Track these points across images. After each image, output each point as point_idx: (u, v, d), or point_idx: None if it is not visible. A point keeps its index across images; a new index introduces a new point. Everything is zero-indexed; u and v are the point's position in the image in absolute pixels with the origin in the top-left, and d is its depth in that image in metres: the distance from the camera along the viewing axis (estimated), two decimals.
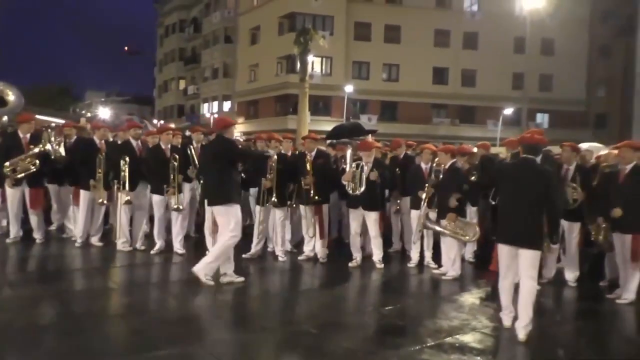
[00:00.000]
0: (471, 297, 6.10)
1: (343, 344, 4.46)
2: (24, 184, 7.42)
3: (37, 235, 7.65)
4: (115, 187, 7.37)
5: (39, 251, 7.31)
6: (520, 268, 4.82)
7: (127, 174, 7.15)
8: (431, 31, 36.31)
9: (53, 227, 8.37)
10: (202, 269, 5.81)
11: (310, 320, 5.15)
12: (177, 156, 7.24)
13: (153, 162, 7.33)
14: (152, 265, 7.02)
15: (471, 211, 7.40)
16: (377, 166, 7.17)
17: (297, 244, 8.00)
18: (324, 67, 35.06)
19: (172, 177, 7.18)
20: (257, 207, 7.36)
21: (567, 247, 6.52)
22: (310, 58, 25.73)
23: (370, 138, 12.80)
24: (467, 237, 6.66)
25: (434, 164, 7.16)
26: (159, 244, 7.48)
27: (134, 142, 7.51)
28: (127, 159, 7.18)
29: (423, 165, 7.38)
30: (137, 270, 6.85)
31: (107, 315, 5.07)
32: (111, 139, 8.10)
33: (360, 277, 6.97)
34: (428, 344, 4.52)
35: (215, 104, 43.63)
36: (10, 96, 8.88)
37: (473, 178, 6.98)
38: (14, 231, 7.56)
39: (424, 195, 6.96)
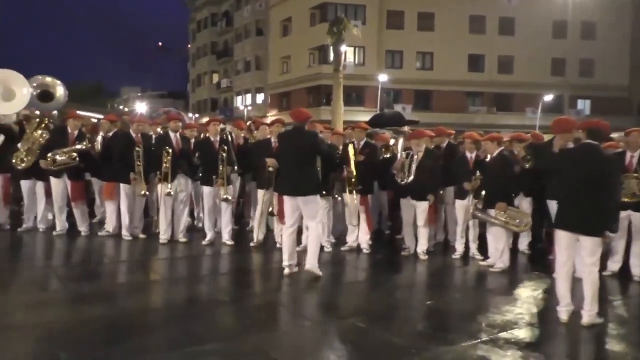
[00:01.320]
0: (524, 290, 5.87)
1: (393, 339, 4.32)
2: (65, 177, 7.53)
3: (82, 228, 7.76)
4: (156, 179, 7.41)
5: (84, 244, 7.40)
6: (581, 256, 4.69)
7: (169, 166, 7.17)
8: (466, 17, 35.48)
9: (96, 220, 8.46)
10: (312, 266, 5.86)
11: (357, 313, 5.01)
12: (225, 148, 7.26)
13: (203, 154, 7.39)
14: (196, 258, 7.01)
15: (525, 201, 7.14)
16: (429, 156, 7.01)
17: (339, 234, 7.90)
18: (356, 57, 34.74)
19: (220, 168, 7.20)
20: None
21: (633, 239, 6.22)
22: (343, 48, 25.42)
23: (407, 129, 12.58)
24: (520, 227, 6.41)
25: (479, 153, 7.00)
26: (209, 234, 7.53)
27: (172, 135, 7.52)
28: (170, 150, 7.19)
29: (468, 155, 7.15)
30: (181, 263, 6.86)
31: (151, 308, 5.06)
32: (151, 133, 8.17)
33: (405, 269, 6.82)
34: (482, 339, 4.33)
35: (249, 96, 43.86)
36: (57, 90, 8.97)
37: (527, 165, 6.70)
38: (60, 224, 7.70)
39: (469, 187, 6.76)
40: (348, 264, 6.94)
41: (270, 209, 7.05)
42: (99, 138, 7.93)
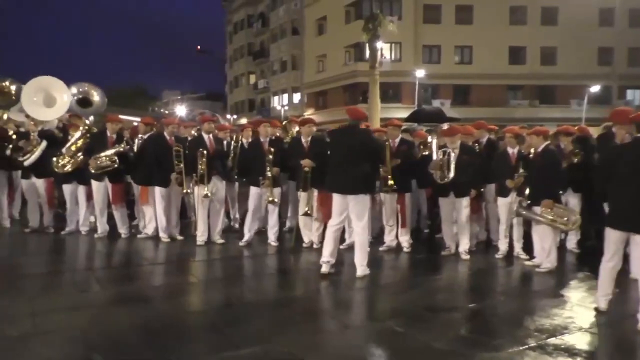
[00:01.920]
0: (573, 292, 5.56)
1: (433, 344, 4.14)
2: (106, 180, 7.65)
3: (122, 230, 7.88)
4: (193, 180, 7.44)
5: (123, 246, 7.50)
6: (635, 256, 4.42)
7: (205, 168, 7.18)
8: (506, 9, 34.49)
9: (135, 222, 8.55)
10: (363, 270, 5.91)
11: (395, 316, 4.84)
12: (272, 149, 7.29)
13: (252, 155, 7.48)
14: (233, 259, 6.99)
15: (574, 197, 6.81)
16: (465, 152, 6.78)
17: (376, 234, 7.74)
18: (393, 53, 34.30)
19: (267, 169, 7.22)
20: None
21: None
22: (379, 44, 25.07)
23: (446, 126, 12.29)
24: (567, 226, 6.09)
25: (523, 148, 6.73)
26: (247, 235, 7.53)
27: (205, 136, 7.50)
28: (205, 152, 7.20)
29: (510, 150, 6.86)
30: (218, 264, 6.85)
31: (188, 311, 5.02)
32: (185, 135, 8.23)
33: (446, 270, 6.58)
34: (529, 345, 4.09)
35: (285, 96, 44.03)
36: (95, 96, 9.20)
37: (576, 160, 6.36)
38: (101, 227, 7.85)
39: (512, 184, 6.49)
40: (386, 265, 6.77)
41: (306, 209, 6.97)
42: (137, 140, 8.02)
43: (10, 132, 8.17)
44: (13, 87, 9.06)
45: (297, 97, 43.00)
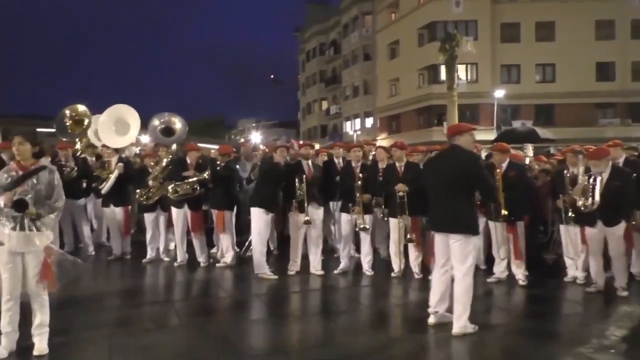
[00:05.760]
0: None
1: None
2: (186, 208, 7.51)
3: (201, 259, 7.68)
4: (294, 207, 7.10)
5: (202, 275, 7.24)
6: None
7: (304, 194, 6.87)
8: (591, 23, 32.52)
9: (214, 250, 8.32)
10: (461, 327, 4.71)
11: None
12: (360, 175, 6.95)
13: (344, 181, 7.17)
14: (316, 291, 6.51)
15: None
16: (616, 176, 5.94)
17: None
18: (469, 74, 33.27)
19: (357, 195, 6.88)
20: None
21: None
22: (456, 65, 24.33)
23: (530, 148, 11.38)
24: None
25: None
26: (343, 262, 7.23)
27: (304, 162, 7.16)
28: (304, 178, 6.91)
29: None
30: (310, 296, 6.40)
31: (268, 347, 4.59)
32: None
33: (587, 308, 5.75)
34: None
35: (357, 121, 43.85)
36: (177, 124, 9.24)
37: None
38: (181, 255, 7.69)
39: None
40: (497, 304, 5.95)
41: (408, 235, 6.57)
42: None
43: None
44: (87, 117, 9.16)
45: (369, 121, 42.69)
